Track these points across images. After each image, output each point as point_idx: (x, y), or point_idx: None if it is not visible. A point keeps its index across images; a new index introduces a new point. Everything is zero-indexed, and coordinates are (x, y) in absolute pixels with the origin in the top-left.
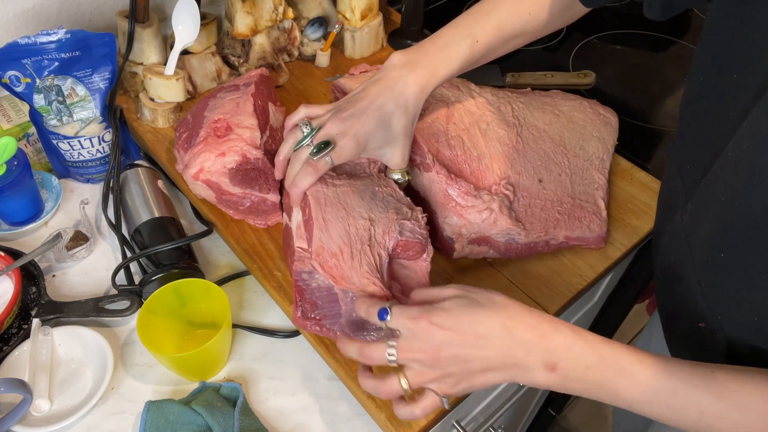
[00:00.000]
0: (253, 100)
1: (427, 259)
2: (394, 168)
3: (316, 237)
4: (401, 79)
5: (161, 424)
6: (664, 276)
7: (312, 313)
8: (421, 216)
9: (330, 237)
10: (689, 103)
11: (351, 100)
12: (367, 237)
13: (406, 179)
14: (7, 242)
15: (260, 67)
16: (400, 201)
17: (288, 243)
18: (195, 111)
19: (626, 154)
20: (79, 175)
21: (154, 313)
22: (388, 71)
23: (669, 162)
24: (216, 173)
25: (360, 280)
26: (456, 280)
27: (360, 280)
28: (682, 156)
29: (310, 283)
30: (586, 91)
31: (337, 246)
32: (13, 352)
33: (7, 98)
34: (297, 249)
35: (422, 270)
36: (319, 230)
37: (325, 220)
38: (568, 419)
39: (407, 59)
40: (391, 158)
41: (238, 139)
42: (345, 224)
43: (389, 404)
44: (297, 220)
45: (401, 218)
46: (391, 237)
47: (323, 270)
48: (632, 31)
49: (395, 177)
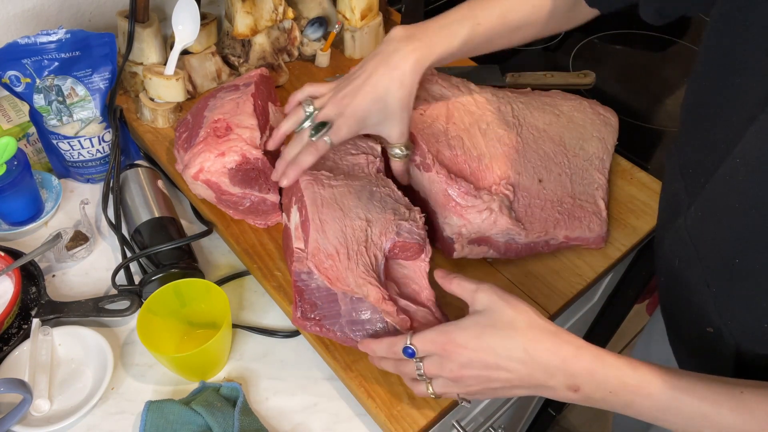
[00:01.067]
0: (253, 100)
1: (426, 259)
2: (394, 143)
3: (312, 238)
4: (397, 52)
5: (161, 424)
6: (669, 279)
7: (311, 314)
8: (419, 216)
9: (326, 238)
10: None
11: (349, 77)
12: (364, 238)
13: (405, 153)
14: (7, 242)
15: (260, 67)
16: (398, 201)
17: (287, 244)
18: (195, 111)
19: (626, 154)
20: (79, 175)
21: (154, 313)
22: (386, 45)
23: (669, 164)
24: (216, 173)
25: (356, 281)
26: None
27: (356, 280)
28: (683, 159)
29: (310, 283)
30: (586, 91)
31: (333, 247)
32: (13, 352)
33: (7, 98)
34: (296, 250)
35: (421, 270)
36: (315, 231)
37: (322, 221)
38: (568, 419)
39: (406, 33)
40: (390, 133)
41: (238, 139)
42: (341, 225)
43: (389, 404)
44: (295, 221)
45: (399, 219)
46: (388, 238)
47: (319, 271)
48: (632, 31)
49: (395, 151)
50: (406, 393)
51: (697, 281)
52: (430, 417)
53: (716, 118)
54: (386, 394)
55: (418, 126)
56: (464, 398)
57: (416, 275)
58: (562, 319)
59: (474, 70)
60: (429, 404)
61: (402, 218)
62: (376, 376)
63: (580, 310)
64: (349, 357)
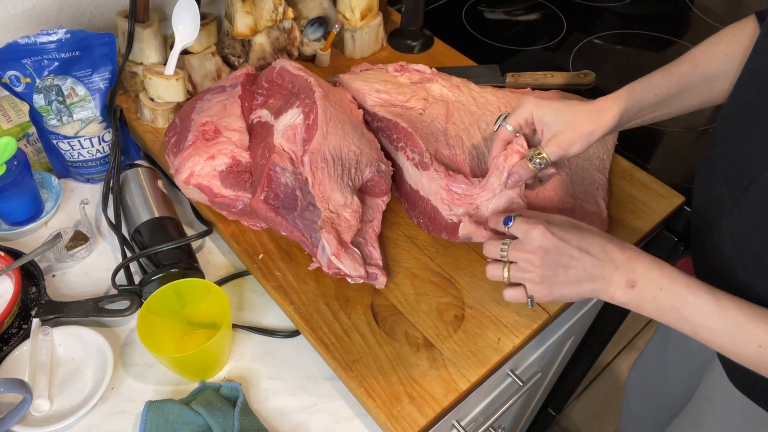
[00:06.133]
0: (240, 102)
1: (386, 201)
2: (565, 153)
3: (317, 140)
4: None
5: (161, 424)
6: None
7: (272, 201)
8: (390, 167)
9: (327, 146)
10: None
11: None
12: (355, 161)
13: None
14: (7, 242)
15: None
16: (377, 150)
17: (263, 138)
18: (182, 114)
19: (626, 154)
20: (79, 175)
21: (154, 313)
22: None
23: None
24: (206, 176)
25: (338, 195)
26: (456, 278)
27: (341, 194)
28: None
29: (280, 178)
30: (586, 91)
31: (331, 156)
32: (13, 352)
33: (7, 98)
34: (277, 144)
35: (378, 207)
36: (321, 136)
37: (327, 132)
38: (568, 419)
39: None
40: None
41: (227, 142)
42: (340, 142)
43: (389, 404)
44: (291, 122)
45: (378, 160)
46: (370, 170)
47: (310, 168)
48: (632, 31)
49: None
50: (406, 393)
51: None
52: (430, 417)
53: (762, 123)
54: (386, 394)
55: (417, 125)
56: (531, 296)
57: (372, 210)
58: (562, 319)
59: (474, 70)
60: (429, 404)
61: (381, 160)
62: (376, 376)
63: (580, 310)
64: (349, 357)
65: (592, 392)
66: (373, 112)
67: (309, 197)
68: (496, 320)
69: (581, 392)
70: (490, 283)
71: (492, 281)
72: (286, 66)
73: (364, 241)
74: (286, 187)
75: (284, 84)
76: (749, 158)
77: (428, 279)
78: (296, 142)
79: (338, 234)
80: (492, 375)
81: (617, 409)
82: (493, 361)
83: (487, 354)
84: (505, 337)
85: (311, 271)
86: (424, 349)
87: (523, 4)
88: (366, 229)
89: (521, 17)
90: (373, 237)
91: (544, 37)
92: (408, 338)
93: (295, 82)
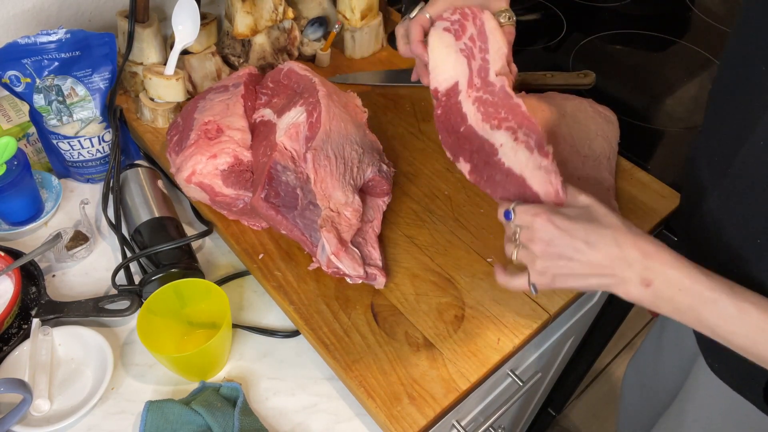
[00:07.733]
0: (242, 102)
1: (386, 201)
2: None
3: (320, 137)
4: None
5: (161, 424)
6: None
7: (273, 200)
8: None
9: (329, 144)
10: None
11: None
12: (357, 160)
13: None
14: (7, 242)
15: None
16: (379, 150)
17: (265, 136)
18: (185, 113)
19: (626, 154)
20: (79, 175)
21: (154, 313)
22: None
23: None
24: (208, 175)
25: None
26: (456, 278)
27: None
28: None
29: (281, 176)
30: (586, 91)
31: (333, 154)
32: (13, 352)
33: (7, 98)
34: (279, 142)
35: (378, 208)
36: (324, 134)
37: (330, 130)
38: (568, 419)
39: None
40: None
41: (230, 141)
42: (343, 141)
43: (389, 404)
44: (294, 120)
45: (380, 161)
46: (372, 170)
47: (313, 165)
48: (632, 31)
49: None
50: (406, 393)
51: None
52: (430, 417)
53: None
54: (386, 394)
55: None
56: (534, 284)
57: (372, 211)
58: (562, 319)
59: None
60: (429, 404)
61: (383, 161)
62: (376, 376)
63: (580, 310)
64: (349, 357)
65: (592, 392)
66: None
67: (309, 196)
68: (496, 320)
69: (581, 392)
70: (490, 283)
71: (492, 281)
72: (294, 67)
73: (363, 241)
74: (287, 185)
75: (290, 84)
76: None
77: (428, 279)
78: (299, 140)
79: (338, 233)
80: (492, 375)
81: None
82: (493, 361)
83: (487, 354)
84: (505, 337)
85: (311, 271)
86: (424, 349)
87: (523, 4)
88: (366, 230)
89: (521, 17)
90: (372, 237)
91: (544, 37)
92: (408, 338)
93: (300, 82)
